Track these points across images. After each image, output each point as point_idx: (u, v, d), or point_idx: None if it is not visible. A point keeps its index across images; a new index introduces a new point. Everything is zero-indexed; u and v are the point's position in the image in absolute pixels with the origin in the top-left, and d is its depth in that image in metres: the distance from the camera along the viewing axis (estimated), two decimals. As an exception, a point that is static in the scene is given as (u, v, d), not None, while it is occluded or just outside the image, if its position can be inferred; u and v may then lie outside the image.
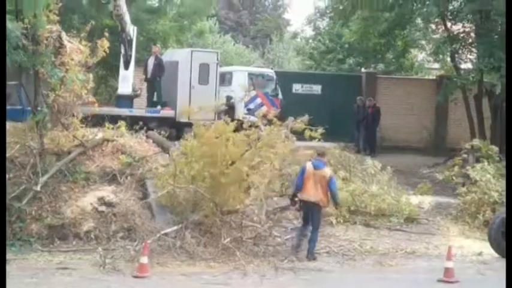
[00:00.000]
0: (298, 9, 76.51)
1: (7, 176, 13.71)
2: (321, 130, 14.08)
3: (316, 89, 26.49)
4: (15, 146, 14.41)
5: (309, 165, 13.11)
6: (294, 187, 13.39)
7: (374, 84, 26.64)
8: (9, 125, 15.68)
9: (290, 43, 45.95)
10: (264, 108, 19.79)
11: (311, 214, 13.09)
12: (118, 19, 19.28)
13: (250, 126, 14.29)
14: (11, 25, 12.18)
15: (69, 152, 14.82)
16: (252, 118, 15.63)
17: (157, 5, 26.70)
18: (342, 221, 15.19)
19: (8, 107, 17.77)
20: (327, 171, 13.17)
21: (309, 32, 38.28)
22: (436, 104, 25.07)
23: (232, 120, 14.06)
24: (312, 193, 12.89)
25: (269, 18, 51.70)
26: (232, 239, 12.89)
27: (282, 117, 14.78)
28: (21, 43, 13.38)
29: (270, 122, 14.25)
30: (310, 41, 36.70)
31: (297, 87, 26.35)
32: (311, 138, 14.20)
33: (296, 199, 13.25)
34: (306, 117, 14.09)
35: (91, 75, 15.32)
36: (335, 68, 31.92)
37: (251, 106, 21.21)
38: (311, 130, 14.13)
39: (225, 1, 48.22)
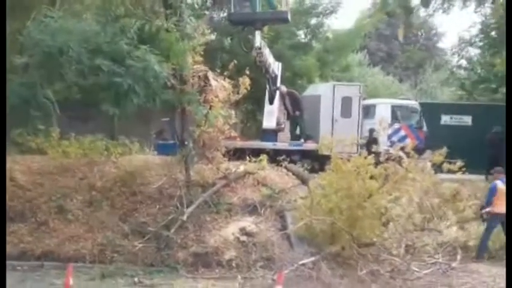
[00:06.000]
0: (448, 38, 74.23)
1: (157, 206, 14.69)
2: (459, 163, 13.76)
3: (467, 120, 25.73)
4: (164, 178, 15.40)
5: (498, 183, 14.87)
6: (486, 203, 15.13)
7: (529, 115, 25.48)
8: (159, 158, 16.80)
9: (442, 73, 45.02)
10: (408, 141, 19.53)
11: (502, 224, 14.52)
12: (261, 64, 19.67)
13: (393, 159, 14.26)
14: (158, 67, 12.96)
15: (213, 184, 15.58)
16: (392, 151, 15.50)
17: (304, 40, 27.07)
18: (487, 257, 14.84)
19: (161, 142, 19.08)
20: None
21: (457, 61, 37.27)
22: None
23: (376, 153, 14.11)
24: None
25: (421, 48, 50.92)
26: (368, 271, 12.89)
27: (425, 149, 14.60)
28: (169, 83, 14.25)
29: (407, 155, 14.14)
30: (462, 71, 35.76)
31: (446, 119, 25.77)
32: (450, 171, 13.93)
33: (483, 212, 15.19)
34: (444, 150, 13.84)
35: (233, 112, 15.99)
36: (488, 98, 30.89)
37: (394, 139, 20.94)
38: (449, 163, 13.87)
39: (376, 33, 47.99)
